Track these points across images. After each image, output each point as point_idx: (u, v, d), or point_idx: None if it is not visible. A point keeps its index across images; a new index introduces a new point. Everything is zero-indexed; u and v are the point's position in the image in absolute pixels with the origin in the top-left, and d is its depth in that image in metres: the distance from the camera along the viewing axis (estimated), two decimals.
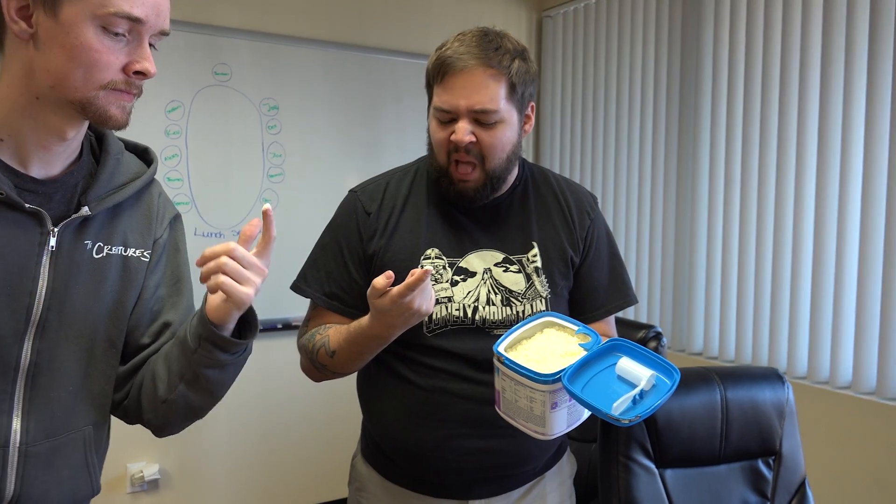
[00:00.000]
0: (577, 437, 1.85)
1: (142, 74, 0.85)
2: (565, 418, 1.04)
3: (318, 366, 1.25)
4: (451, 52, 1.18)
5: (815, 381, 2.19)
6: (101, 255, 0.92)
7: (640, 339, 1.77)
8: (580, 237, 1.30)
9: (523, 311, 1.23)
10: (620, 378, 1.00)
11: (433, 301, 1.10)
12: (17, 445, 0.86)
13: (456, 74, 1.16)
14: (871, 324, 2.03)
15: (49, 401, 0.89)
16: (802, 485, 1.44)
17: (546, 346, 1.07)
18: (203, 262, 0.86)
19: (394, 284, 1.07)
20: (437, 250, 1.24)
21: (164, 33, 0.88)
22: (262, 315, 3.00)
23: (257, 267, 0.87)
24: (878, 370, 2.03)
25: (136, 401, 0.97)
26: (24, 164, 0.88)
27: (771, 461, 1.43)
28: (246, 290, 0.86)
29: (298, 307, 1.38)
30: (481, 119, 1.17)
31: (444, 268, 1.23)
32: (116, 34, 0.82)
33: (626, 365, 1.01)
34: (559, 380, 0.99)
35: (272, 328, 2.67)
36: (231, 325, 0.91)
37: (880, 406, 2.01)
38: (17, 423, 0.86)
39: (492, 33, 1.21)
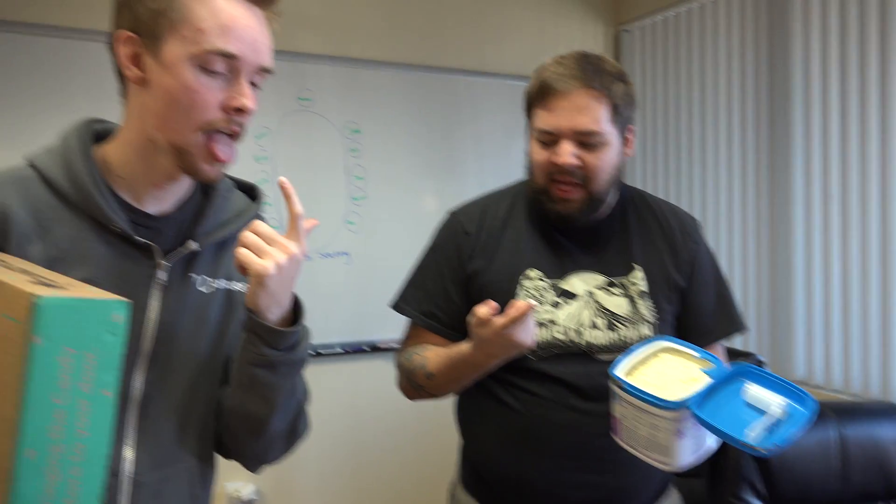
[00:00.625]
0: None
1: (240, 111, 0.86)
2: (691, 448, 0.99)
3: (415, 386, 1.26)
4: (552, 74, 1.19)
5: None
6: (206, 290, 0.94)
7: None
8: (685, 261, 1.27)
9: (629, 336, 1.21)
10: (749, 405, 0.95)
11: (534, 335, 1.09)
12: (129, 475, 0.88)
13: (559, 96, 1.17)
14: None
15: (158, 432, 0.91)
16: None
17: (665, 372, 1.03)
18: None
19: (497, 304, 1.07)
20: (537, 271, 1.24)
21: (265, 70, 0.89)
22: (350, 337, 3.04)
23: (280, 244, 0.84)
24: None
25: (226, 427, 0.98)
26: (138, 199, 0.91)
27: None
28: (263, 263, 0.82)
29: (385, 329, 1.39)
30: (585, 141, 1.17)
31: (545, 289, 1.22)
32: (214, 72, 0.83)
33: (756, 391, 0.96)
34: (686, 406, 0.94)
35: (359, 350, 2.71)
36: (271, 315, 0.87)
37: None
38: (129, 453, 0.88)
39: (591, 56, 1.22)
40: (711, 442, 1.02)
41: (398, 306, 1.33)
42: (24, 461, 0.62)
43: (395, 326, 1.41)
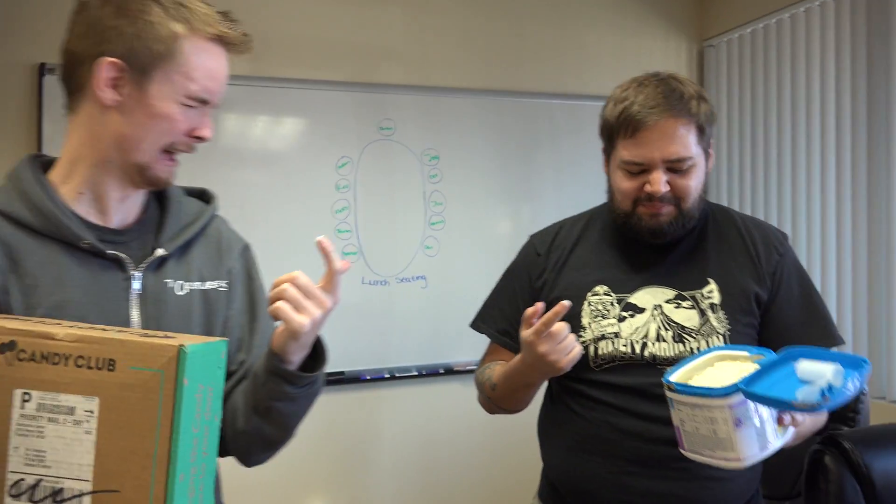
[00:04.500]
0: (770, 493, 1.68)
1: (200, 139, 0.95)
2: (755, 439, 0.96)
3: (485, 398, 1.33)
4: (637, 106, 1.18)
5: None
6: (183, 293, 0.97)
7: None
8: (767, 273, 1.25)
9: (697, 348, 1.19)
10: (804, 381, 0.93)
11: (570, 357, 1.10)
12: None
13: (649, 129, 1.17)
14: None
15: None
16: None
17: (719, 376, 1.02)
18: (272, 289, 0.89)
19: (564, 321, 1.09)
20: (605, 286, 1.25)
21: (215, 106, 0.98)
22: (425, 360, 3.07)
23: (318, 298, 0.88)
24: None
25: (223, 431, 0.99)
26: (103, 214, 0.96)
27: None
28: (300, 320, 0.86)
29: (460, 352, 1.42)
30: (676, 167, 1.19)
31: (611, 304, 1.23)
32: (190, 107, 0.92)
33: (808, 366, 0.94)
34: (737, 390, 0.93)
35: (435, 373, 2.71)
36: (296, 358, 0.92)
37: None
38: None
39: (671, 81, 1.22)
40: (779, 436, 0.99)
41: (476, 325, 1.40)
42: (177, 484, 0.74)
43: (469, 349, 1.43)
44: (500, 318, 1.35)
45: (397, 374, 2.66)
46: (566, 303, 1.07)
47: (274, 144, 2.59)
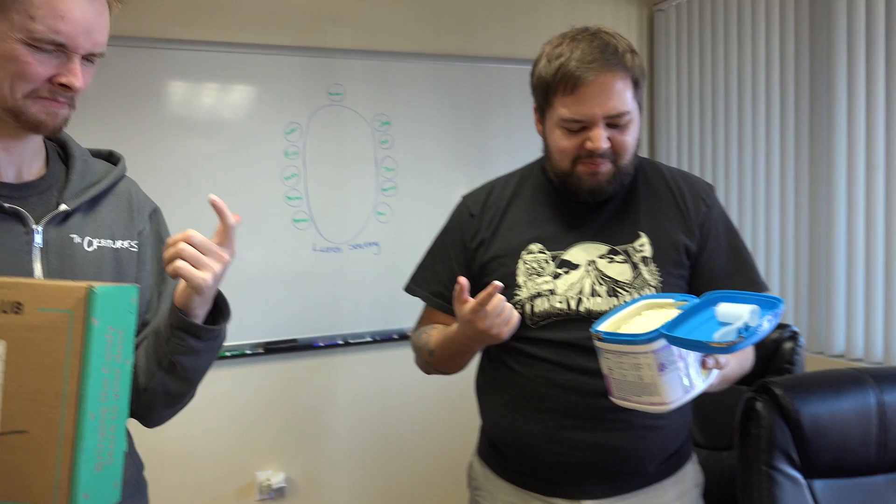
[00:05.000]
0: (706, 444, 1.74)
1: (66, 87, 0.89)
2: (679, 383, 0.99)
3: (423, 362, 1.34)
4: (575, 62, 1.17)
5: None
6: (92, 248, 0.97)
7: (775, 339, 1.65)
8: (695, 224, 1.27)
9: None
10: (723, 323, 0.97)
11: (509, 326, 1.11)
12: None
13: (588, 85, 1.16)
14: None
15: None
16: None
17: (646, 324, 1.05)
18: (165, 249, 0.89)
19: (499, 281, 1.10)
20: (539, 245, 1.25)
21: (98, 55, 0.92)
22: (379, 326, 3.08)
23: (216, 253, 0.90)
24: None
25: None
26: None
27: None
28: (203, 275, 0.88)
29: (414, 318, 1.42)
30: (615, 122, 1.18)
31: (546, 261, 1.23)
32: (44, 50, 0.87)
33: (726, 308, 0.98)
34: (659, 336, 0.96)
35: (388, 339, 2.72)
36: (200, 312, 0.93)
37: None
38: None
39: (603, 35, 1.21)
40: (702, 378, 1.03)
41: (410, 288, 1.40)
42: (87, 423, 0.75)
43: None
44: (434, 280, 1.35)
45: (351, 341, 2.66)
46: (498, 283, 1.06)
47: (220, 111, 2.53)
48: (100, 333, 0.76)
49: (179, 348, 0.93)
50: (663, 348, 0.96)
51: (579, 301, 1.21)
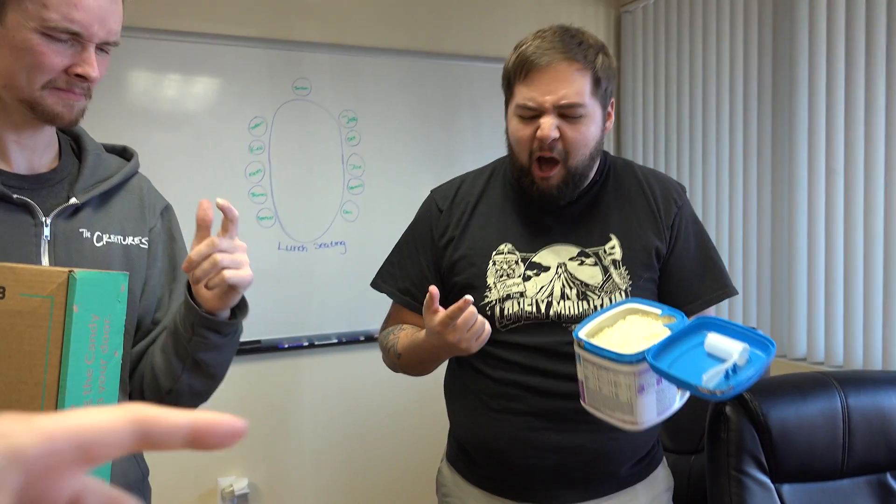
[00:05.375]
0: (675, 448, 1.75)
1: (82, 78, 0.89)
2: (654, 405, 0.97)
3: (391, 363, 1.31)
4: (533, 48, 1.16)
5: None
6: (101, 244, 0.96)
7: None
8: (666, 225, 1.25)
9: (601, 305, 1.19)
10: (711, 356, 0.93)
11: (479, 341, 1.08)
12: None
13: (541, 70, 1.14)
14: None
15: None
16: None
17: (629, 332, 1.02)
18: (192, 266, 0.88)
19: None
20: (510, 245, 1.23)
21: (112, 43, 0.91)
22: (346, 328, 3.03)
23: (240, 247, 0.91)
24: None
25: (140, 394, 0.99)
26: (5, 159, 0.92)
27: None
28: (246, 273, 0.90)
29: (381, 320, 1.40)
30: (567, 113, 1.15)
31: (516, 263, 1.21)
32: (59, 40, 0.86)
33: (716, 340, 0.94)
34: (644, 359, 0.92)
35: (355, 340, 2.68)
36: (229, 308, 0.94)
37: None
38: None
39: (572, 29, 1.20)
40: (677, 400, 1.00)
41: (376, 283, 1.37)
42: None
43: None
44: (401, 276, 1.32)
45: (317, 343, 2.62)
46: (469, 298, 1.04)
47: (183, 103, 2.46)
48: (81, 321, 0.73)
49: (202, 346, 0.93)
50: (645, 371, 0.93)
51: (549, 304, 1.19)
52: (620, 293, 1.20)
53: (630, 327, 1.03)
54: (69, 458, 0.27)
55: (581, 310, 1.19)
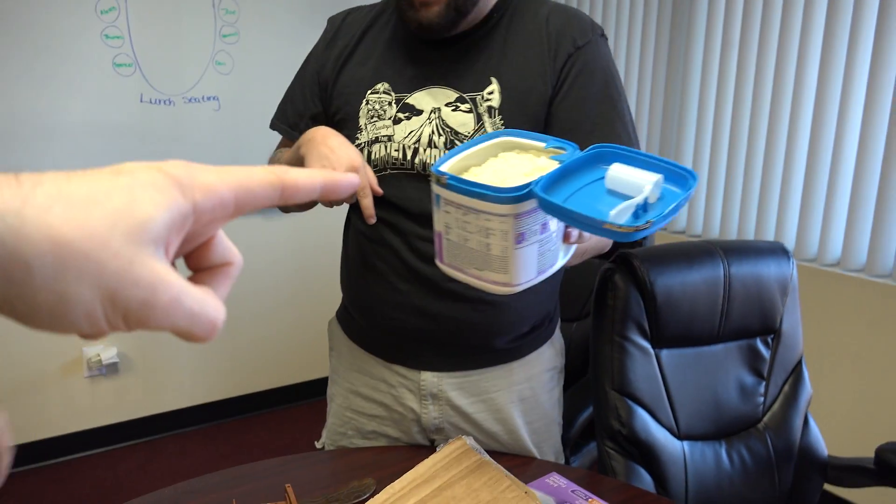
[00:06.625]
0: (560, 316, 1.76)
1: None
2: (535, 259, 0.73)
3: None
4: None
5: (802, 258, 2.12)
6: None
7: None
8: (555, 68, 1.08)
9: None
10: (613, 192, 0.69)
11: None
12: None
13: None
14: (866, 201, 1.94)
15: None
16: (799, 363, 1.38)
17: (505, 169, 0.77)
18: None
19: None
20: (386, 84, 1.12)
21: None
22: None
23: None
24: (868, 247, 1.96)
25: None
26: None
27: (769, 340, 1.35)
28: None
29: None
30: None
31: (389, 103, 1.11)
32: None
33: (621, 172, 0.69)
34: (527, 196, 0.67)
35: None
36: None
37: (868, 283, 1.96)
38: None
39: None
40: (560, 255, 0.78)
41: (273, 123, 1.24)
42: None
43: None
44: (292, 113, 1.21)
45: None
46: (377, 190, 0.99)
47: None
48: None
49: None
50: (529, 213, 0.69)
51: (415, 151, 1.08)
52: None
53: (505, 164, 0.79)
54: (226, 213, 0.32)
55: None
